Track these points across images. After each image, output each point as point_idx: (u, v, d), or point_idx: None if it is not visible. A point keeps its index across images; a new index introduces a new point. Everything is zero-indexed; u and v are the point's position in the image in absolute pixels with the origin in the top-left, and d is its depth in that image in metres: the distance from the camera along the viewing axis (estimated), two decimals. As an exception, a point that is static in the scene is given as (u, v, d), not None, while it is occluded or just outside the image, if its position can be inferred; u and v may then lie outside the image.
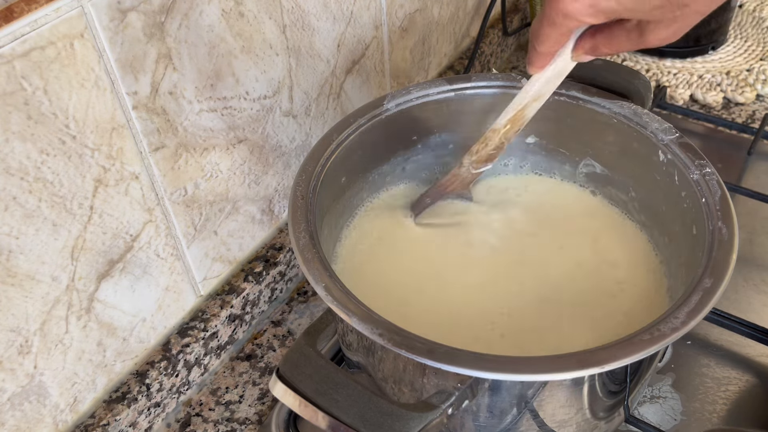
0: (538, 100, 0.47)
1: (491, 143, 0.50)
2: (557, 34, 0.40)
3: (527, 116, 0.48)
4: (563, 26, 0.38)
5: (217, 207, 0.54)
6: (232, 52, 0.50)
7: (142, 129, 0.45)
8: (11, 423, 0.43)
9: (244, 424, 0.54)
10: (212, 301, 0.57)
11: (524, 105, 0.47)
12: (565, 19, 0.37)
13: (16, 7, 0.35)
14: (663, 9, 0.34)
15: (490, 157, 0.51)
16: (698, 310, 0.37)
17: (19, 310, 0.41)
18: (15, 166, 0.38)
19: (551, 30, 0.39)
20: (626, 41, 0.39)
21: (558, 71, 0.44)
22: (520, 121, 0.48)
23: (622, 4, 0.35)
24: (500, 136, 0.49)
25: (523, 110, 0.47)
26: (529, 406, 0.41)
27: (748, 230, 0.64)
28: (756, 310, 0.58)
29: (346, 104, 0.65)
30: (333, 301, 0.38)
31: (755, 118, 0.78)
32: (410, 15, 0.70)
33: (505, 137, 0.49)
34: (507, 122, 0.48)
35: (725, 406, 0.52)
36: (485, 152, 0.51)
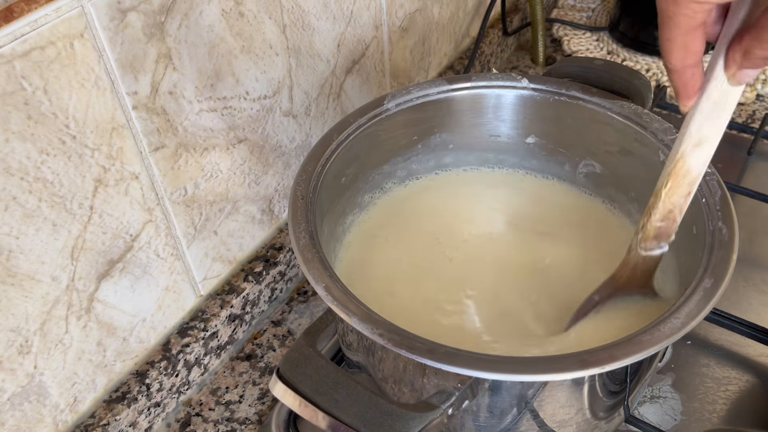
0: (701, 145, 0.37)
1: (656, 213, 0.40)
2: (681, 33, 0.31)
3: (694, 169, 0.38)
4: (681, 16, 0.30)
5: (217, 207, 0.54)
6: (232, 52, 0.50)
7: (142, 129, 0.45)
8: (11, 423, 0.43)
9: (244, 424, 0.54)
10: (212, 301, 0.57)
11: (682, 153, 0.38)
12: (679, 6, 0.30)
13: (16, 7, 0.35)
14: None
15: (660, 233, 0.41)
16: (698, 310, 0.37)
17: (19, 310, 0.41)
18: (15, 166, 0.38)
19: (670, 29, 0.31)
20: None
21: (716, 100, 0.35)
22: (687, 178, 0.39)
23: None
24: (663, 200, 0.40)
25: (684, 160, 0.38)
26: (529, 407, 0.41)
27: (748, 230, 0.64)
28: (756, 310, 0.58)
29: (346, 104, 0.65)
30: (333, 301, 0.38)
31: (755, 118, 0.78)
32: (410, 15, 0.70)
33: (670, 202, 0.39)
34: (667, 179, 0.39)
35: (725, 406, 0.52)
36: (652, 227, 0.41)
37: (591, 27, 0.93)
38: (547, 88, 0.53)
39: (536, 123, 0.56)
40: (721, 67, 0.34)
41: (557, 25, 0.94)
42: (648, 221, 0.41)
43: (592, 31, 0.92)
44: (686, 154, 0.38)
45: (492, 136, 0.57)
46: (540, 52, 0.90)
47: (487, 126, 0.56)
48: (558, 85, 0.53)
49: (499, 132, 0.57)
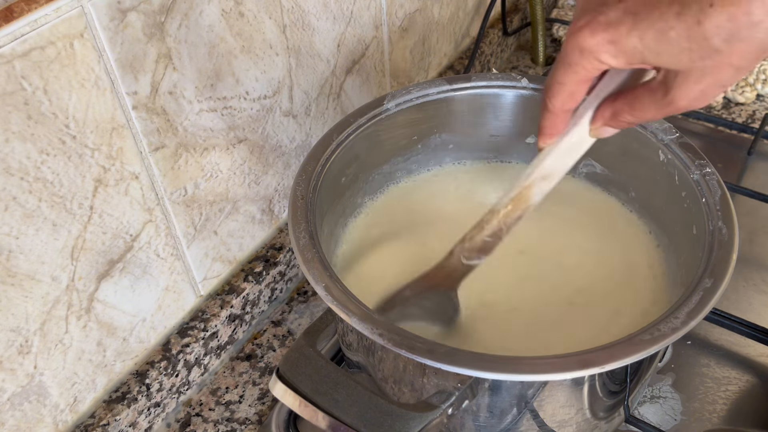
0: (547, 179, 0.40)
1: (488, 228, 0.42)
2: (574, 82, 0.33)
3: (533, 199, 0.41)
4: (580, 67, 0.32)
5: (217, 207, 0.54)
6: (232, 52, 0.50)
7: (142, 129, 0.45)
8: (11, 423, 0.43)
9: (244, 424, 0.54)
10: (212, 301, 0.57)
11: (530, 182, 0.40)
12: (582, 57, 0.32)
13: (16, 7, 0.35)
14: (691, 53, 0.29)
15: (485, 247, 0.43)
16: (698, 310, 0.37)
17: (19, 310, 0.41)
18: (15, 166, 0.38)
19: (566, 75, 0.33)
20: (651, 104, 0.33)
21: (573, 144, 0.38)
22: (524, 204, 0.41)
23: (645, 44, 0.30)
24: (499, 219, 0.42)
25: (529, 189, 0.40)
26: (529, 406, 0.41)
27: (748, 230, 0.64)
28: (756, 310, 0.58)
29: (346, 104, 0.65)
30: (333, 301, 0.38)
31: (755, 118, 0.78)
32: (410, 15, 0.70)
33: (504, 222, 0.42)
34: (509, 202, 0.41)
35: (725, 406, 0.52)
36: (480, 239, 0.43)
37: (591, 27, 0.93)
38: (547, 88, 0.53)
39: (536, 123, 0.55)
40: (587, 118, 0.37)
41: (557, 25, 0.94)
42: (479, 234, 0.43)
43: (592, 31, 0.92)
44: (533, 184, 0.40)
45: (492, 136, 0.57)
46: (540, 52, 0.90)
47: (487, 126, 0.56)
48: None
49: (499, 132, 0.57)
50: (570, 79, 0.33)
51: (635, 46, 0.30)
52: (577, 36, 0.31)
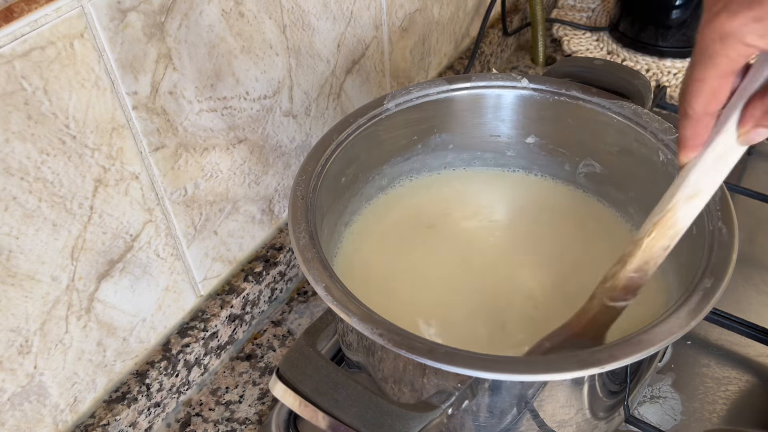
0: (695, 198, 0.35)
1: (631, 261, 0.37)
2: (716, 76, 0.29)
3: (681, 223, 0.36)
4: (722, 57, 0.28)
5: (217, 207, 0.54)
6: (232, 52, 0.50)
7: (142, 129, 0.45)
8: (11, 423, 0.43)
9: (244, 424, 0.54)
10: (212, 301, 0.57)
11: (675, 203, 0.36)
12: (724, 45, 0.28)
13: (16, 7, 0.35)
14: None
15: (630, 285, 0.38)
16: (698, 310, 0.37)
17: (19, 310, 0.41)
18: (15, 166, 0.38)
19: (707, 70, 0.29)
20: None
21: (719, 155, 0.33)
22: (672, 230, 0.36)
23: None
24: (643, 251, 0.37)
25: (675, 212, 0.36)
26: (529, 406, 0.40)
27: (748, 230, 0.64)
28: (756, 310, 0.58)
29: (346, 104, 0.65)
30: (333, 301, 0.38)
31: (755, 118, 0.78)
32: (410, 15, 0.71)
33: (650, 253, 0.37)
34: (652, 228, 0.37)
35: (725, 406, 0.52)
36: (624, 276, 0.38)
37: (591, 27, 0.93)
38: (547, 88, 0.53)
39: (536, 123, 0.56)
40: (734, 121, 0.32)
41: (557, 25, 0.94)
42: (621, 270, 0.38)
43: (592, 31, 0.92)
44: (678, 205, 0.36)
45: (492, 136, 0.57)
46: (540, 52, 0.90)
47: (487, 126, 0.56)
48: (558, 85, 0.53)
49: (499, 132, 0.57)
50: (711, 73, 0.29)
51: None
52: (715, 22, 0.27)
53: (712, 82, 0.30)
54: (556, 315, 0.48)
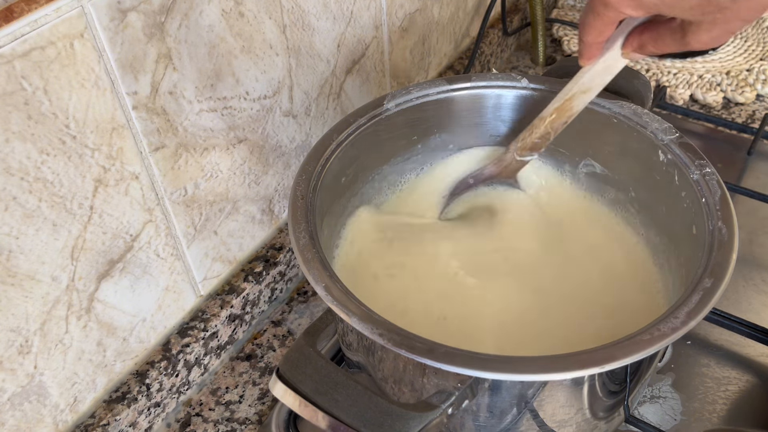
0: (586, 92, 0.47)
1: (537, 131, 0.50)
2: (600, 24, 0.40)
3: (575, 108, 0.48)
4: (605, 16, 0.39)
5: (217, 207, 0.54)
6: (232, 52, 0.50)
7: (142, 129, 0.45)
8: (11, 423, 0.43)
9: (244, 424, 0.54)
10: (212, 301, 0.57)
11: (572, 95, 0.47)
12: (607, 9, 0.38)
13: (16, 7, 0.35)
14: (702, 8, 0.34)
15: (535, 146, 0.51)
16: (698, 310, 0.37)
17: (19, 310, 0.41)
18: (15, 166, 0.38)
19: (594, 20, 0.40)
20: (671, 41, 0.39)
21: (607, 66, 0.45)
22: (568, 113, 0.49)
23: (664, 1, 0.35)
24: (546, 125, 0.50)
25: (571, 100, 0.48)
26: (529, 406, 0.41)
27: (748, 230, 0.64)
28: (756, 310, 0.58)
29: (346, 104, 0.65)
30: (333, 301, 0.38)
31: (755, 118, 0.78)
32: (410, 15, 0.71)
33: (551, 127, 0.50)
34: (553, 111, 0.49)
35: (725, 406, 0.52)
36: (530, 140, 0.51)
37: (591, 27, 0.93)
38: (547, 88, 0.53)
39: (536, 123, 0.56)
40: (619, 44, 0.43)
41: (557, 25, 0.94)
42: (529, 136, 0.51)
43: (592, 31, 0.92)
44: (575, 96, 0.47)
45: (492, 136, 0.57)
46: (540, 52, 0.90)
47: (487, 126, 0.56)
48: (558, 85, 0.53)
49: (499, 132, 0.57)
50: (597, 22, 0.40)
51: (654, 1, 0.35)
52: None
53: (598, 26, 0.40)
54: (557, 314, 0.48)
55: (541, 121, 0.50)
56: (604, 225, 0.54)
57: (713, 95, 0.80)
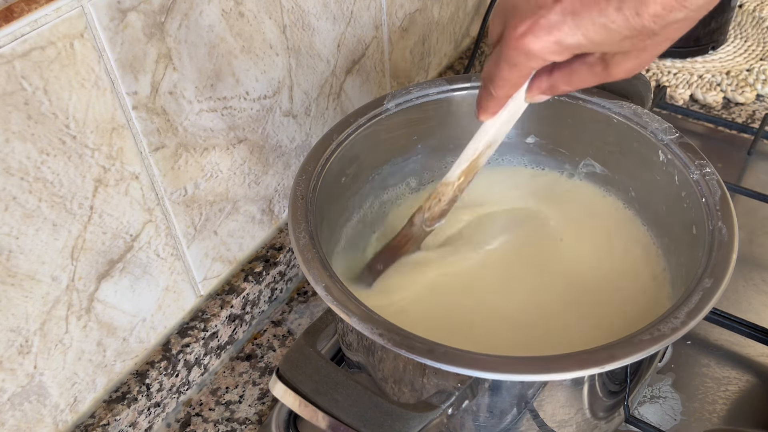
0: (491, 146, 0.44)
1: (445, 198, 0.47)
2: (517, 77, 0.35)
3: (481, 164, 0.45)
4: (525, 67, 0.34)
5: (217, 207, 0.54)
6: (232, 52, 0.50)
7: (142, 129, 0.45)
8: (11, 423, 0.43)
9: (244, 424, 0.54)
10: (212, 301, 0.57)
11: (479, 154, 0.44)
12: (528, 60, 0.33)
13: (16, 7, 0.35)
14: (633, 39, 0.31)
15: (443, 213, 0.48)
16: (698, 310, 0.37)
17: (19, 310, 0.41)
18: (15, 166, 0.38)
19: (510, 72, 0.35)
20: (589, 76, 0.35)
21: (511, 115, 0.41)
22: (474, 171, 0.45)
23: (589, 38, 0.31)
24: (454, 190, 0.46)
25: (477, 159, 0.45)
26: (529, 406, 0.41)
27: (748, 230, 0.64)
28: (756, 310, 0.58)
29: (346, 104, 0.65)
30: (333, 301, 0.38)
31: (755, 118, 0.78)
32: (410, 15, 0.70)
33: (459, 190, 0.47)
34: (461, 174, 0.45)
35: (725, 406, 0.52)
36: (438, 208, 0.48)
37: (591, 27, 0.93)
38: (547, 88, 0.53)
39: (536, 123, 0.56)
40: (524, 89, 0.38)
41: (557, 25, 0.94)
42: (437, 204, 0.47)
43: (592, 31, 0.92)
44: (481, 154, 0.44)
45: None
46: (540, 52, 0.90)
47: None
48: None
49: (499, 132, 0.57)
50: (514, 75, 0.35)
51: (579, 42, 0.31)
52: (522, 41, 0.32)
53: (514, 80, 0.36)
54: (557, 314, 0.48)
55: (446, 186, 0.46)
56: (604, 225, 0.54)
57: (713, 95, 0.80)
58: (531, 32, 0.32)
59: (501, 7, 0.34)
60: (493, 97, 0.38)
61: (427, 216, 0.48)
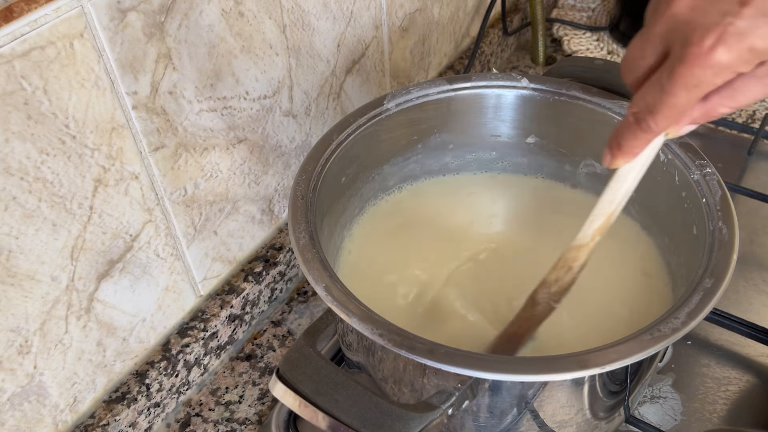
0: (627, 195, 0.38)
1: (577, 264, 0.40)
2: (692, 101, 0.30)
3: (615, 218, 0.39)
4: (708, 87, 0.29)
5: (217, 207, 0.54)
6: (232, 51, 0.50)
7: (141, 129, 0.45)
8: (11, 423, 0.43)
9: (244, 424, 0.54)
10: (212, 301, 0.57)
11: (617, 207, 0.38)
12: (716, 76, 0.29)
13: (15, 7, 0.35)
14: None
15: (573, 282, 0.41)
16: (699, 310, 0.37)
17: (19, 310, 0.41)
18: (15, 166, 0.38)
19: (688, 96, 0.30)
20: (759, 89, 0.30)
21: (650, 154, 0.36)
22: (608, 226, 0.39)
23: None
24: (588, 252, 0.40)
25: (615, 213, 0.39)
26: (530, 407, 0.40)
27: (749, 230, 0.64)
28: (756, 310, 0.58)
29: (346, 104, 0.65)
30: (333, 301, 0.38)
31: (755, 118, 0.78)
32: (410, 15, 0.70)
33: (591, 252, 0.40)
34: (595, 233, 0.39)
35: (725, 406, 0.52)
36: (570, 277, 0.40)
37: (591, 27, 0.93)
38: (547, 88, 0.53)
39: (536, 123, 0.56)
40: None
41: (557, 25, 0.94)
42: (566, 273, 0.40)
43: (592, 31, 0.92)
44: (619, 208, 0.38)
45: (492, 136, 0.57)
46: (540, 52, 0.90)
47: (487, 126, 0.56)
48: (558, 85, 0.53)
49: (499, 132, 0.57)
50: (692, 98, 0.30)
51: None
52: (711, 55, 0.28)
53: (687, 106, 0.31)
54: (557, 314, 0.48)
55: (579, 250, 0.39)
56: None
57: (713, 95, 0.80)
58: (721, 42, 0.28)
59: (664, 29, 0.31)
60: (648, 133, 0.33)
61: (555, 290, 0.41)
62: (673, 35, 0.30)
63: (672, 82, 0.30)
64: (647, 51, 0.31)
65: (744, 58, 0.28)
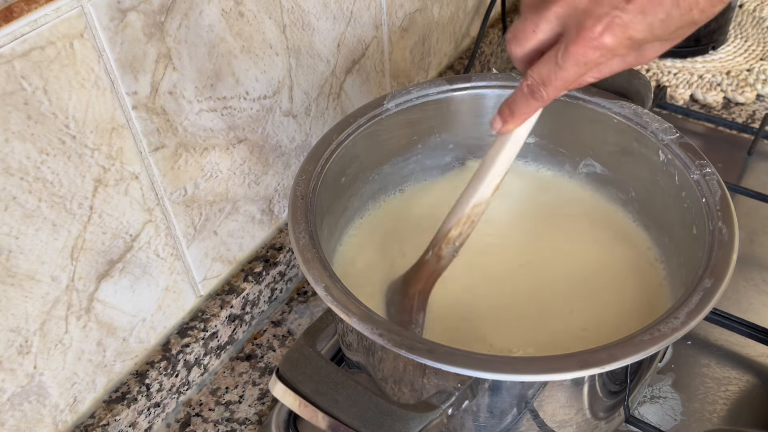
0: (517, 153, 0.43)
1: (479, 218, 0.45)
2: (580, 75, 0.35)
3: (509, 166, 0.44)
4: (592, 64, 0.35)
5: (217, 207, 0.54)
6: (232, 51, 0.50)
7: (141, 129, 0.45)
8: (11, 423, 0.43)
9: (244, 424, 0.54)
10: (212, 301, 0.57)
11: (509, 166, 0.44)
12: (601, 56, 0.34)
13: (15, 7, 0.35)
14: (680, 30, 0.34)
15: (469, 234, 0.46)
16: (698, 310, 0.37)
17: (19, 310, 0.41)
18: (15, 166, 0.38)
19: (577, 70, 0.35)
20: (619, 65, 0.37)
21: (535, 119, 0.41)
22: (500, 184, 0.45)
23: (653, 33, 0.33)
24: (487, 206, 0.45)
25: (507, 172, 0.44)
26: (530, 407, 0.40)
27: (748, 230, 0.64)
28: (756, 310, 0.58)
29: (346, 104, 0.65)
30: (333, 301, 0.38)
31: (755, 118, 0.78)
32: (410, 15, 0.70)
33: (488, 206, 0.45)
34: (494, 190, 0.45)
35: (725, 406, 0.52)
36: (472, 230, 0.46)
37: (591, 27, 0.93)
38: (547, 88, 0.53)
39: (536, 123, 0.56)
40: None
41: (557, 25, 0.94)
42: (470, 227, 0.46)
43: (592, 31, 0.92)
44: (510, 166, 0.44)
45: (492, 136, 0.56)
46: (540, 52, 0.90)
47: (487, 126, 0.56)
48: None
49: (499, 132, 0.57)
50: (580, 72, 0.35)
51: (645, 36, 0.34)
52: (600, 40, 0.34)
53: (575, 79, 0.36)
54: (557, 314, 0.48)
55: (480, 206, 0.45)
56: (604, 225, 0.54)
57: (713, 95, 0.80)
58: (609, 31, 0.33)
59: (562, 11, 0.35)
60: (539, 101, 0.38)
61: (459, 243, 0.46)
62: (570, 19, 0.34)
63: (565, 59, 0.35)
64: (541, 26, 0.36)
65: (624, 44, 0.34)
